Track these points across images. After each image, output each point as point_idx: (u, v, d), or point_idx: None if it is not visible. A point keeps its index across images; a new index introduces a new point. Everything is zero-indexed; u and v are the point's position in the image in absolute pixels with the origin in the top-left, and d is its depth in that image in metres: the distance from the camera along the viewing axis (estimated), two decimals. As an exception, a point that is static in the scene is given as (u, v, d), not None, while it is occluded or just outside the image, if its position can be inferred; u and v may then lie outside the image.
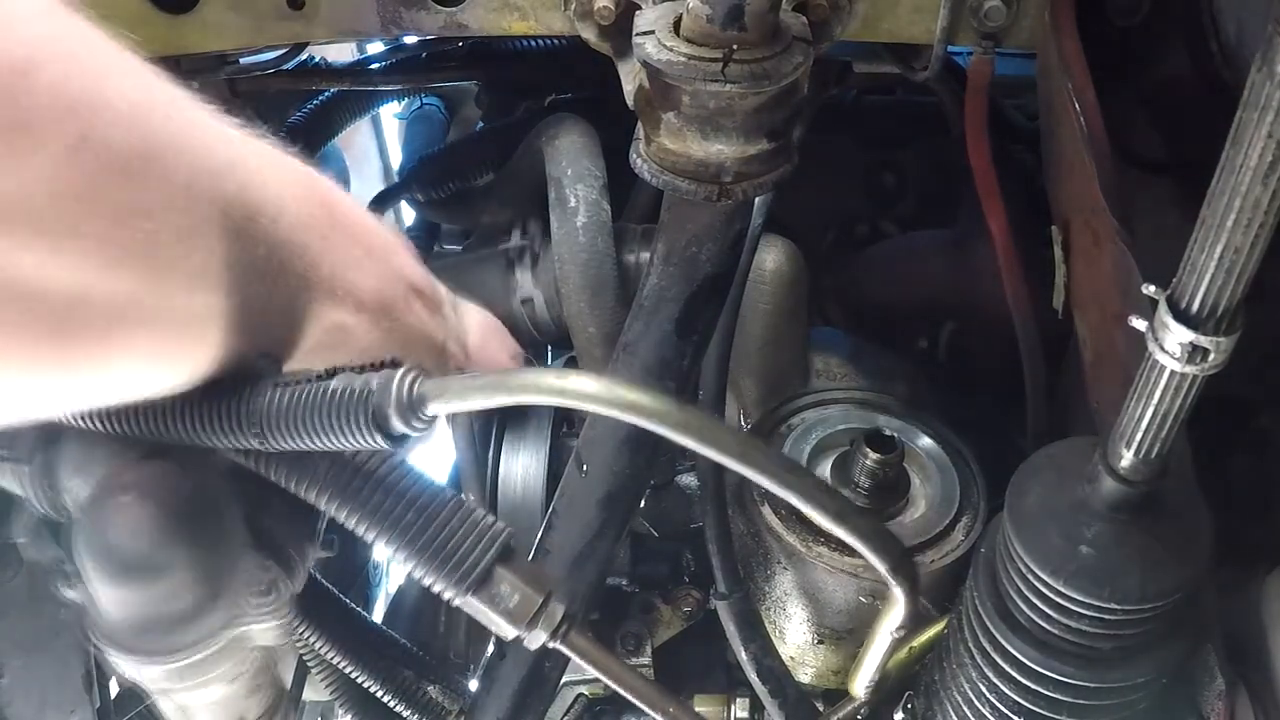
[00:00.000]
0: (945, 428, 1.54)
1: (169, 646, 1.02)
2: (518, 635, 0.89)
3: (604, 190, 1.50)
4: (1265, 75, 0.64)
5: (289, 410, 0.83)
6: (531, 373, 0.77)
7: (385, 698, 1.52)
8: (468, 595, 0.87)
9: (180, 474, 0.98)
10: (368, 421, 0.80)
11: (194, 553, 0.98)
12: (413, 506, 0.88)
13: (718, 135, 0.94)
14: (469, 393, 0.80)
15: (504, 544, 0.88)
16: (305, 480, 0.90)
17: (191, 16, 1.23)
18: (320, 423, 0.82)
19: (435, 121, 2.54)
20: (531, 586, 0.88)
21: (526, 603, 0.88)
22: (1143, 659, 0.97)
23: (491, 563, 0.87)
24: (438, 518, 0.87)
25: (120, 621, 1.01)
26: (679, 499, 1.70)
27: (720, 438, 0.74)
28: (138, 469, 0.98)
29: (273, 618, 1.05)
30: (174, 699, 1.10)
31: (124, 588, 0.98)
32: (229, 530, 1.03)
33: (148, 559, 0.97)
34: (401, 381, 0.80)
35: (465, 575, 0.87)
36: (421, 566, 0.87)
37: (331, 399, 0.82)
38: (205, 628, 1.02)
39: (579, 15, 1.07)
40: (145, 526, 0.96)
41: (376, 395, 0.80)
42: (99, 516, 0.98)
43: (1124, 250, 1.03)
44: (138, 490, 0.96)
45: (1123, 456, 0.87)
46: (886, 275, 1.97)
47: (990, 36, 1.23)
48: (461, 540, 0.87)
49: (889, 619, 1.00)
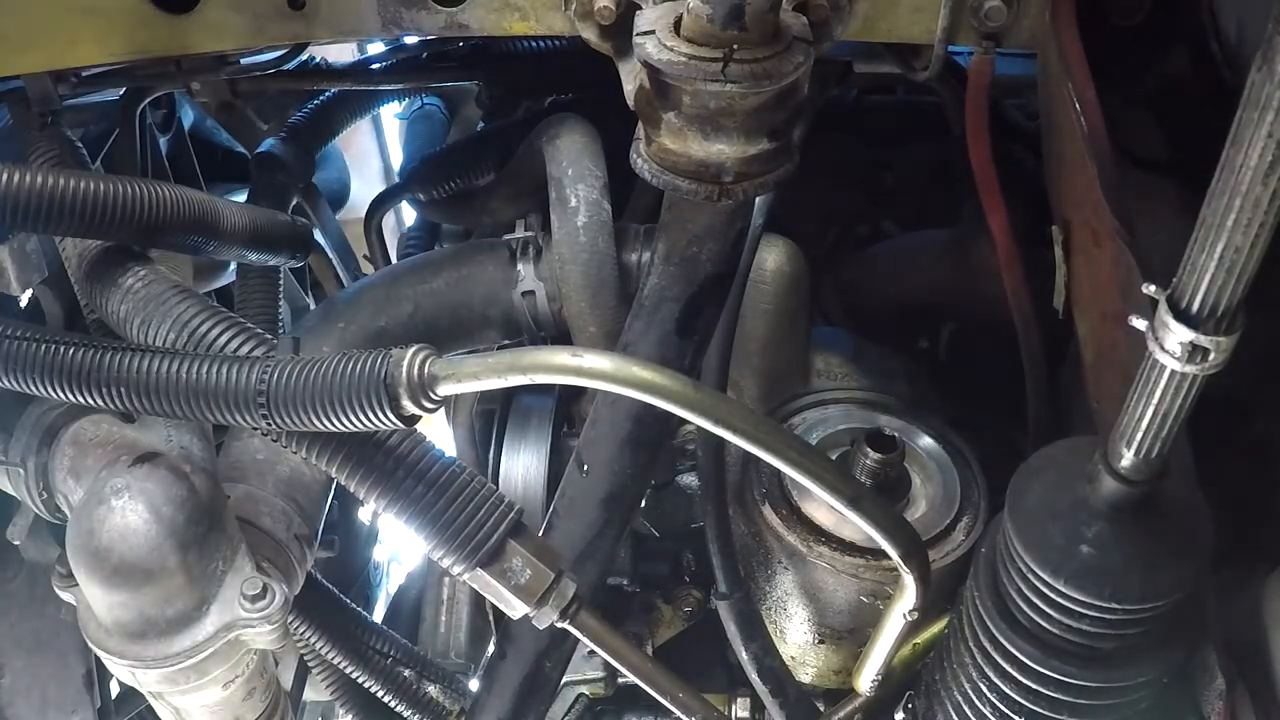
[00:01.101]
0: (946, 427, 1.54)
1: (162, 652, 1.01)
2: (527, 613, 0.88)
3: (605, 190, 1.50)
4: (1265, 75, 0.64)
5: (298, 388, 0.83)
6: (544, 351, 0.77)
7: (386, 698, 1.52)
8: (478, 569, 0.87)
9: (174, 478, 0.97)
10: (380, 401, 0.79)
11: (187, 557, 0.98)
12: (424, 479, 0.88)
13: (718, 135, 0.94)
14: (481, 373, 0.79)
15: (515, 519, 0.88)
16: (319, 449, 0.89)
17: (192, 16, 1.23)
18: (331, 402, 0.81)
19: (436, 121, 2.54)
20: (544, 562, 0.87)
21: (538, 578, 0.87)
22: (1143, 658, 0.97)
23: (503, 536, 0.87)
24: (448, 491, 0.87)
25: (112, 625, 1.01)
26: (680, 499, 1.70)
27: (734, 418, 0.74)
28: (131, 473, 0.98)
29: (267, 622, 1.04)
30: (170, 702, 1.10)
31: (115, 591, 0.98)
32: (223, 535, 1.03)
33: (139, 563, 0.96)
34: (412, 361, 0.80)
35: (477, 548, 0.86)
36: (433, 539, 0.87)
37: (342, 379, 0.81)
38: (199, 633, 1.02)
39: (579, 15, 1.07)
40: (137, 530, 0.96)
41: (389, 375, 0.79)
42: (91, 520, 0.98)
43: (1124, 250, 1.03)
44: (129, 494, 0.96)
45: (1123, 456, 0.87)
46: (887, 275, 1.97)
47: (991, 36, 1.23)
48: (473, 513, 0.87)
49: (899, 606, 0.99)
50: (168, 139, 1.86)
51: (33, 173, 1.02)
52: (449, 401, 1.60)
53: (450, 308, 1.59)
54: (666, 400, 0.72)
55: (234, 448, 1.37)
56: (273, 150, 1.89)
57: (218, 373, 0.91)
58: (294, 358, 0.87)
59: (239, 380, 0.89)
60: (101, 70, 1.36)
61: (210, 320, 1.07)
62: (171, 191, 1.16)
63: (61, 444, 1.25)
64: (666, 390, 0.72)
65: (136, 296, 1.13)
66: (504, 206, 1.81)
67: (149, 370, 0.95)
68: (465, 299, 1.59)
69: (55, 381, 0.99)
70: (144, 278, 1.15)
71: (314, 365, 0.83)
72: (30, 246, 1.29)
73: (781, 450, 0.75)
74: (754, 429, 0.74)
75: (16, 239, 1.26)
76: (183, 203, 1.17)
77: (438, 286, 1.58)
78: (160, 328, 1.09)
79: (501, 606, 0.89)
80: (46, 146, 1.32)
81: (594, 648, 0.90)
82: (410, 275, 1.61)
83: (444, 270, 1.60)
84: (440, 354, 0.84)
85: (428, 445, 0.91)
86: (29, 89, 1.32)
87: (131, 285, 1.14)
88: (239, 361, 0.92)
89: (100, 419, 1.24)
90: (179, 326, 1.08)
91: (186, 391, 0.92)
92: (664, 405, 0.72)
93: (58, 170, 1.07)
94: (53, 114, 1.35)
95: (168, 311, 1.10)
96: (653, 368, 0.72)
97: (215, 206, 1.26)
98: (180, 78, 1.53)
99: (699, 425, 0.73)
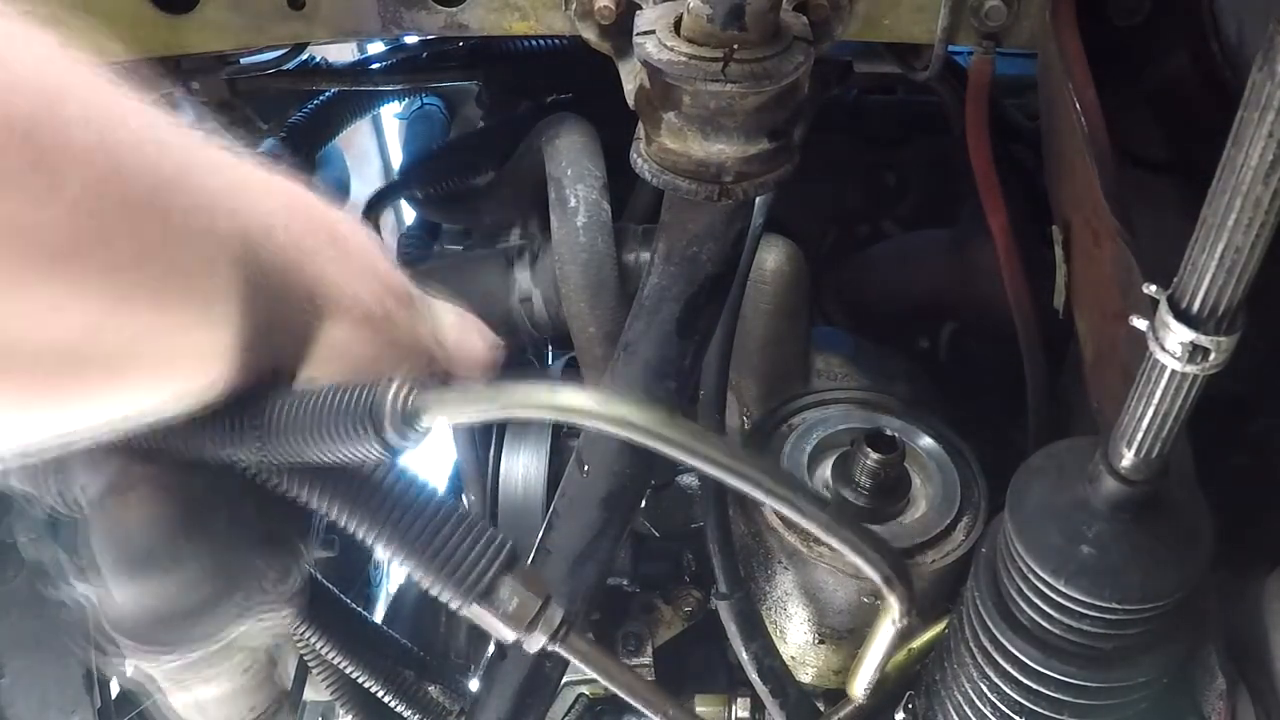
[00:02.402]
0: (946, 428, 1.54)
1: (184, 639, 1.02)
2: (517, 639, 0.89)
3: (604, 190, 1.50)
4: (1266, 75, 0.64)
5: (288, 422, 0.84)
6: (524, 387, 0.78)
7: (386, 698, 1.52)
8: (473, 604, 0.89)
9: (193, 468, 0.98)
10: (366, 433, 0.81)
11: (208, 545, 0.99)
12: (418, 516, 0.89)
13: (718, 135, 0.94)
14: (463, 405, 0.82)
15: (509, 555, 0.89)
16: (309, 487, 0.91)
17: (192, 16, 1.23)
18: (319, 434, 0.83)
19: (436, 121, 2.53)
20: (530, 589, 0.89)
21: (525, 606, 0.89)
22: (1144, 659, 0.97)
23: (497, 573, 0.89)
24: (442, 529, 0.89)
25: (135, 614, 1.02)
26: (680, 499, 1.70)
27: (711, 451, 0.75)
28: (151, 463, 0.99)
29: (274, 613, 1.05)
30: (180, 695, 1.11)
31: (139, 580, 0.99)
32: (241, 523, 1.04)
33: (163, 551, 0.98)
34: (397, 394, 0.81)
35: (471, 586, 0.88)
36: (428, 576, 0.88)
37: (329, 412, 0.83)
38: (220, 620, 1.03)
39: (579, 15, 1.07)
40: (160, 518, 0.97)
41: (374, 407, 0.81)
42: (114, 509, 0.99)
43: (1124, 250, 1.03)
44: (152, 483, 0.97)
45: (1123, 456, 0.87)
46: (887, 275, 1.97)
47: (991, 36, 1.23)
48: (467, 551, 0.89)
49: (885, 625, 1.00)
50: (167, 139, 1.86)
51: None
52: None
53: None
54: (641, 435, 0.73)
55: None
56: (273, 150, 1.89)
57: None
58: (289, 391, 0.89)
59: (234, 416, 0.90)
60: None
61: None
62: None
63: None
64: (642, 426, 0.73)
65: None
66: (503, 206, 1.81)
67: None
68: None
69: None
70: None
71: (306, 398, 0.85)
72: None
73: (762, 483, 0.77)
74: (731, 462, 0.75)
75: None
76: None
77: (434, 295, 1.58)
78: None
79: (492, 633, 0.90)
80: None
81: (584, 668, 0.91)
82: (407, 283, 1.61)
83: (440, 279, 1.60)
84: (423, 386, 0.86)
85: (416, 479, 0.92)
86: (29, 89, 1.32)
87: None
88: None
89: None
90: None
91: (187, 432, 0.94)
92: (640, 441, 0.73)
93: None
94: (52, 114, 1.34)
95: None
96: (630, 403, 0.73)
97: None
98: (180, 78, 1.53)
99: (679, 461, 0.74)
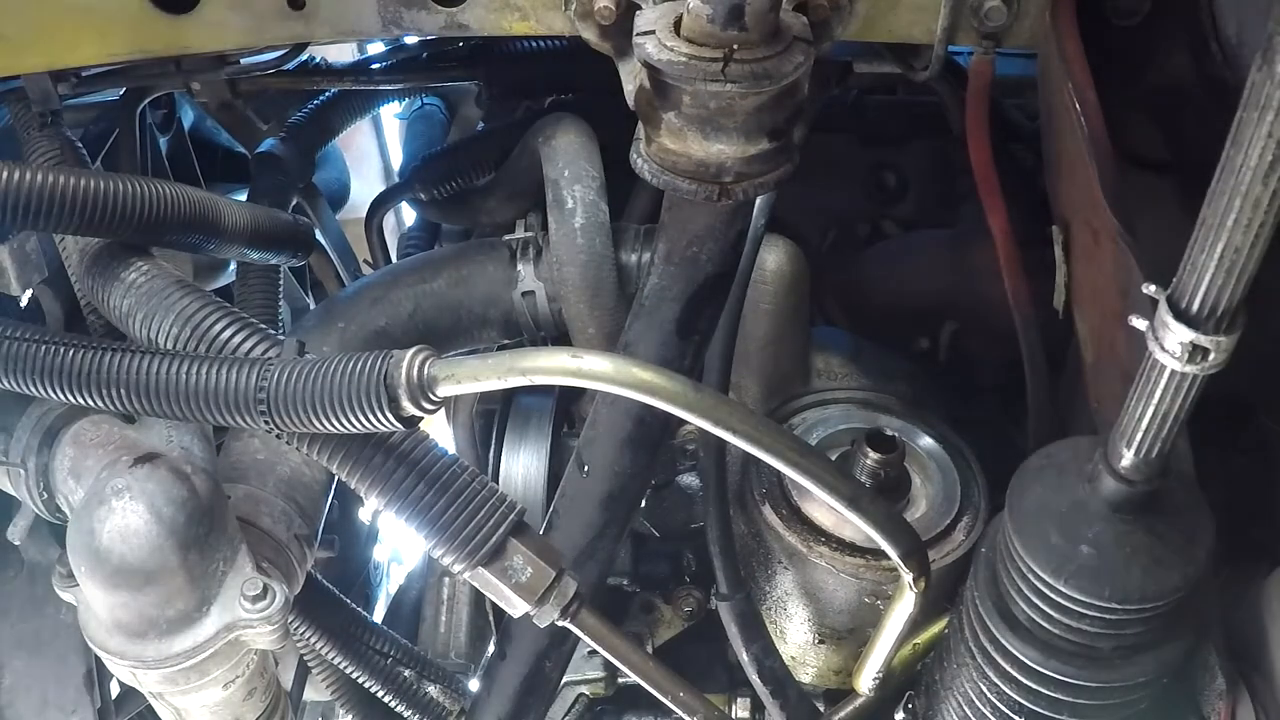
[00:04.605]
0: (946, 427, 1.54)
1: (163, 652, 1.01)
2: (528, 611, 0.88)
3: (601, 190, 1.50)
4: (1266, 75, 0.64)
5: (299, 390, 0.83)
6: (544, 352, 0.77)
7: (385, 698, 1.52)
8: (479, 568, 0.87)
9: (175, 479, 0.97)
10: (380, 403, 0.80)
11: (188, 557, 0.98)
12: (425, 478, 0.88)
13: (718, 135, 0.94)
14: (480, 374, 0.80)
15: (517, 518, 0.88)
16: (320, 447, 0.90)
17: (192, 16, 1.23)
18: (331, 404, 0.82)
19: (435, 121, 2.53)
20: (545, 560, 0.88)
21: (539, 576, 0.88)
22: (1144, 658, 0.97)
23: (505, 535, 0.87)
24: (450, 489, 0.87)
25: (113, 626, 1.01)
26: (680, 499, 1.70)
27: (734, 419, 0.74)
28: (131, 473, 0.98)
29: (268, 623, 1.04)
30: (170, 702, 1.10)
31: (117, 592, 0.98)
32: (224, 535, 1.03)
33: (140, 564, 0.96)
34: (412, 363, 0.80)
35: (478, 547, 0.86)
36: (433, 537, 0.87)
37: (342, 380, 0.81)
38: (199, 633, 1.02)
39: (579, 15, 1.07)
40: (138, 531, 0.96)
41: (389, 376, 0.80)
42: (92, 520, 0.98)
43: (1124, 250, 1.03)
44: (130, 494, 0.96)
45: (1123, 456, 0.87)
46: (887, 275, 1.97)
47: (991, 36, 1.23)
48: (475, 512, 0.87)
49: (899, 606, 0.99)
50: (168, 139, 1.86)
51: (33, 171, 1.02)
52: (449, 401, 1.61)
53: (450, 308, 1.59)
54: (666, 401, 0.72)
55: (234, 448, 1.37)
56: (273, 150, 1.89)
57: (218, 374, 0.91)
58: (294, 359, 0.88)
59: (239, 382, 0.89)
60: (101, 70, 1.36)
61: (214, 315, 1.06)
62: (172, 189, 1.15)
63: (62, 444, 1.25)
64: (666, 391, 0.72)
65: (139, 291, 1.12)
66: (502, 206, 1.81)
67: (149, 372, 0.95)
68: (465, 299, 1.59)
69: (55, 383, 0.99)
70: (146, 272, 1.14)
71: (314, 367, 0.84)
72: (30, 246, 1.29)
73: (781, 451, 0.76)
74: (753, 430, 0.74)
75: (16, 239, 1.26)
76: (183, 200, 1.17)
77: (438, 287, 1.58)
78: (163, 323, 1.09)
79: (502, 605, 0.89)
80: (46, 146, 1.32)
81: (595, 646, 0.90)
82: (410, 275, 1.61)
83: (444, 270, 1.60)
84: (440, 355, 0.84)
85: (430, 443, 0.91)
86: (29, 89, 1.32)
87: (133, 280, 1.14)
88: (239, 363, 0.92)
89: (101, 419, 1.24)
90: (182, 321, 1.07)
91: (187, 393, 0.92)
92: (663, 406, 0.72)
93: (58, 168, 1.07)
94: (53, 114, 1.35)
95: (171, 306, 1.09)
96: (652, 369, 0.72)
97: (216, 204, 1.25)
98: (180, 78, 1.53)
99: (699, 426, 0.73)
